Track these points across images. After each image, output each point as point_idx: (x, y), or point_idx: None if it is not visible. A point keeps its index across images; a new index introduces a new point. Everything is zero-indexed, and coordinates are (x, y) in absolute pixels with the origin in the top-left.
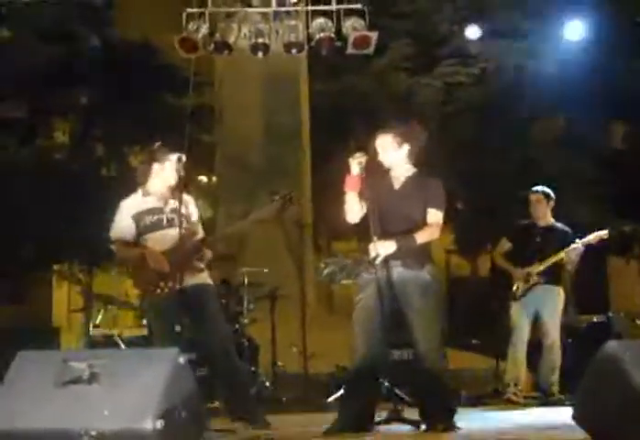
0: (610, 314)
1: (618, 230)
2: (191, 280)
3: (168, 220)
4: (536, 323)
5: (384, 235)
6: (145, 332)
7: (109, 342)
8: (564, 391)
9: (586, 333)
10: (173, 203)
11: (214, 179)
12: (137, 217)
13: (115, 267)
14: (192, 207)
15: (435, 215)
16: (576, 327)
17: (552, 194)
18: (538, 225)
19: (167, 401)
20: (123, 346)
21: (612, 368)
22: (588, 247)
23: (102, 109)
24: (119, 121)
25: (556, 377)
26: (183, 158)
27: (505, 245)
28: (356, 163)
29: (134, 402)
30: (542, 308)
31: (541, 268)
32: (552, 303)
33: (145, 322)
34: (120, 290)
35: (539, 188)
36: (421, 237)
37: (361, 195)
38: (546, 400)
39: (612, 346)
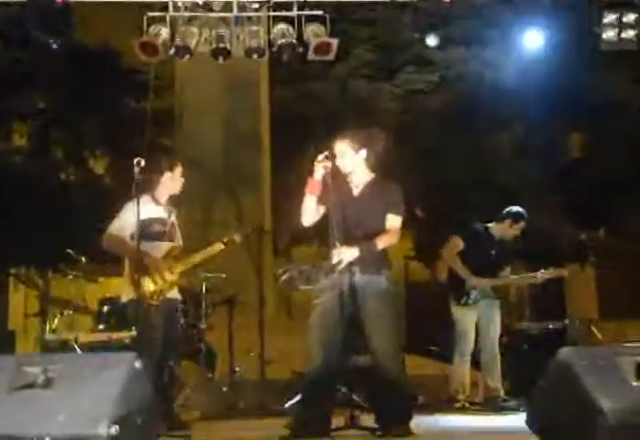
0: (566, 321)
1: (574, 238)
2: (170, 293)
3: (169, 232)
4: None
5: (346, 241)
6: (102, 337)
7: (65, 347)
8: (518, 397)
9: (541, 340)
10: (172, 217)
11: None
12: (146, 223)
13: (73, 271)
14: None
15: (394, 221)
16: (531, 334)
17: (524, 216)
18: (494, 236)
19: (122, 406)
20: (79, 351)
21: (566, 374)
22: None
23: (61, 112)
24: (79, 125)
25: (498, 381)
26: (142, 162)
27: (458, 244)
28: (321, 167)
29: (89, 408)
30: (482, 316)
31: (498, 283)
32: (493, 313)
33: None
34: (78, 294)
35: (525, 214)
36: (381, 243)
37: (320, 200)
38: (500, 405)
39: (566, 352)
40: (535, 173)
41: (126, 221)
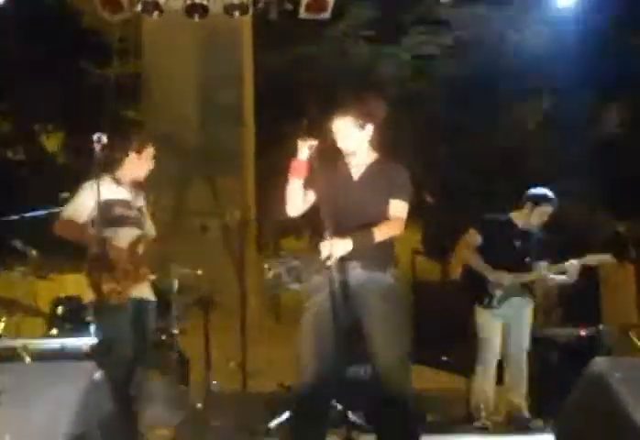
0: (600, 327)
1: (611, 229)
2: (137, 292)
3: (134, 218)
4: (504, 337)
5: (340, 232)
6: (56, 344)
7: (13, 356)
8: (544, 414)
9: (572, 348)
10: (140, 201)
11: None
12: (106, 205)
13: (20, 266)
14: (144, 210)
15: (397, 207)
16: (561, 342)
17: (546, 197)
18: (517, 226)
19: (80, 423)
20: (29, 359)
21: (599, 387)
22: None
23: (9, 80)
24: (29, 95)
25: (523, 399)
26: (104, 138)
27: (476, 238)
28: (306, 146)
29: (41, 425)
30: (512, 321)
31: (527, 279)
32: (523, 317)
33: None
34: (27, 293)
35: (551, 195)
36: (380, 233)
37: (307, 184)
38: (524, 424)
39: (600, 362)
40: (565, 153)
41: (82, 204)
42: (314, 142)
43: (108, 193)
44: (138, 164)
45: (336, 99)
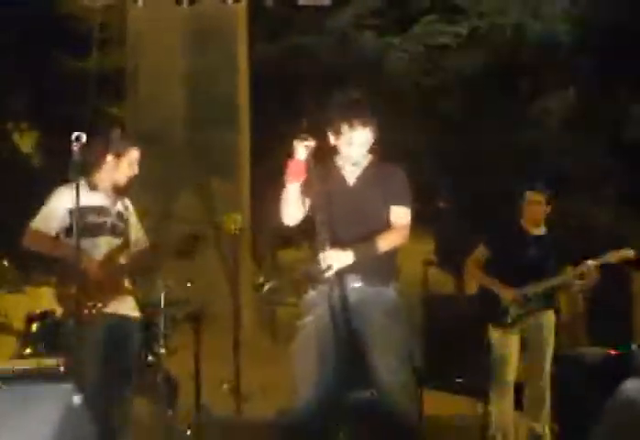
0: (632, 346)
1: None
2: (117, 307)
3: (112, 226)
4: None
5: (338, 242)
6: (30, 364)
7: None
8: None
9: (601, 368)
10: (120, 207)
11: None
12: (79, 213)
13: None
14: (133, 219)
15: (399, 214)
16: (587, 362)
17: (554, 195)
18: (530, 232)
19: None
20: None
21: (631, 412)
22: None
23: None
24: (1, 90)
25: (545, 426)
26: (83, 138)
27: (483, 253)
28: (302, 147)
29: None
30: (530, 335)
31: (538, 289)
32: (543, 332)
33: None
34: None
35: (541, 185)
36: (384, 244)
37: (305, 188)
38: None
39: (631, 385)
40: (590, 153)
41: (51, 213)
42: (312, 142)
43: (81, 200)
44: (118, 169)
45: (336, 94)
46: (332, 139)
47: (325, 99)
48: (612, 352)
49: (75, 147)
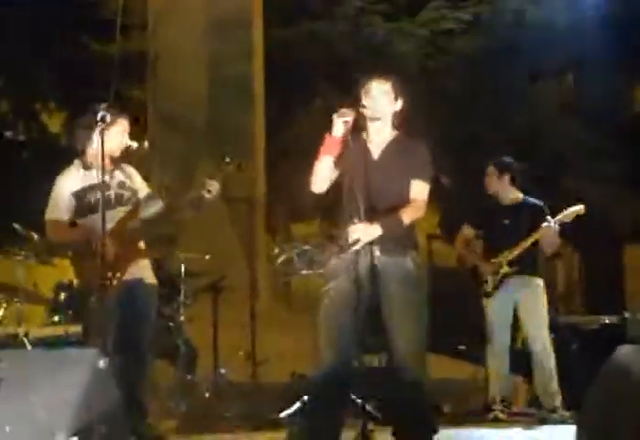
0: (625, 315)
1: (637, 213)
2: (131, 272)
3: (115, 197)
4: (517, 323)
5: (365, 215)
6: (58, 331)
7: (14, 343)
8: (567, 406)
9: (596, 336)
10: (120, 176)
11: (145, 144)
12: (79, 195)
13: (21, 250)
14: (138, 180)
15: (419, 188)
16: (584, 329)
17: (510, 165)
18: (503, 203)
19: (83, 414)
20: (29, 346)
21: (624, 377)
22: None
23: (7, 57)
24: (29, 72)
25: (554, 388)
26: (108, 118)
27: (467, 231)
28: (341, 122)
29: (43, 416)
30: (520, 304)
31: (510, 256)
32: (532, 297)
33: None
34: (28, 279)
35: (495, 160)
36: (407, 217)
37: (337, 163)
38: (546, 416)
39: (624, 351)
40: (589, 134)
41: (59, 200)
42: (351, 118)
43: (76, 183)
44: (108, 140)
45: (347, 76)
46: (361, 98)
47: (337, 80)
48: (606, 320)
49: (99, 126)
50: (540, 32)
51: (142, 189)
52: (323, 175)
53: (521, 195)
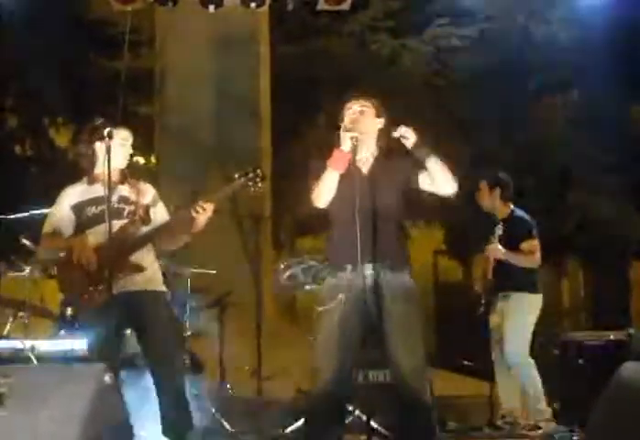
0: (630, 331)
1: None
2: (126, 284)
3: (116, 210)
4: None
5: (360, 228)
6: (65, 345)
7: (20, 357)
8: (570, 423)
9: (600, 353)
10: (124, 191)
11: (152, 159)
12: (78, 208)
13: (27, 265)
14: (149, 196)
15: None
16: (589, 345)
17: (500, 180)
18: (497, 217)
19: (90, 428)
20: (36, 361)
21: (629, 394)
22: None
23: (16, 73)
24: (38, 88)
25: (539, 404)
26: (107, 131)
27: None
28: (348, 137)
29: (49, 430)
30: (504, 321)
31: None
32: (512, 313)
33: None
34: (35, 293)
35: (488, 175)
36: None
37: (342, 178)
38: (552, 431)
39: (629, 368)
40: (595, 149)
41: (57, 213)
42: (357, 134)
43: (77, 196)
44: (111, 152)
45: (354, 93)
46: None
47: (343, 97)
48: (612, 337)
49: (105, 142)
50: (545, 48)
51: (156, 206)
52: (327, 190)
53: (510, 209)
